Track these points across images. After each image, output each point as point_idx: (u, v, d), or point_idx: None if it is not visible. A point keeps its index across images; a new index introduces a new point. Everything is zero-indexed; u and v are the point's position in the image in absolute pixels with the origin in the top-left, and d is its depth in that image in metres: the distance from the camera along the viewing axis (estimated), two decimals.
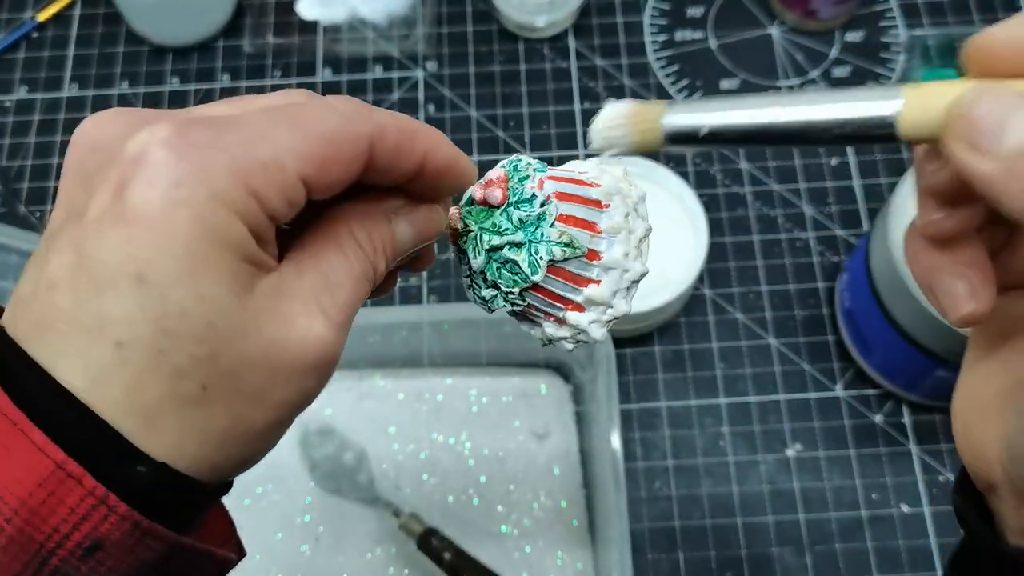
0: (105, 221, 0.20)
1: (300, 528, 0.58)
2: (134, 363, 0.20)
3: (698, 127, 0.24)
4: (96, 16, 0.77)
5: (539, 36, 0.73)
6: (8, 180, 0.70)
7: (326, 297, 0.23)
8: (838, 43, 0.73)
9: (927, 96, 0.21)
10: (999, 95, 0.20)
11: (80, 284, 0.20)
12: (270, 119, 0.22)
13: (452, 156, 0.26)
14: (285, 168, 0.21)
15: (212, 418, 0.21)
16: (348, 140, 0.23)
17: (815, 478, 0.59)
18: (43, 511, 0.20)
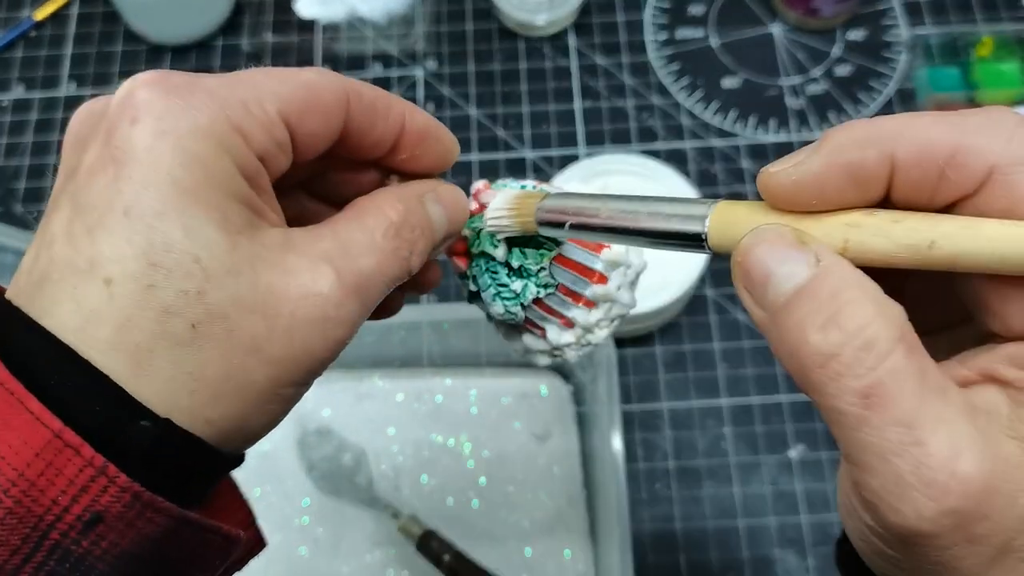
0: (96, 168, 0.21)
1: (298, 530, 0.57)
2: (123, 299, 0.20)
3: (562, 222, 0.26)
4: (94, 14, 0.76)
5: (539, 34, 0.73)
6: (5, 179, 0.70)
7: (340, 260, 0.23)
8: (840, 41, 0.73)
9: (729, 217, 0.22)
10: (772, 244, 0.21)
11: (75, 231, 0.21)
12: (248, 72, 0.23)
13: (429, 122, 0.27)
14: (265, 106, 0.22)
15: (204, 363, 0.21)
16: (324, 89, 0.24)
17: (817, 479, 0.59)
18: (41, 482, 0.19)
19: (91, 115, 0.23)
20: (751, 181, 0.67)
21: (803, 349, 0.19)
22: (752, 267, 0.21)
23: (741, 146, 0.69)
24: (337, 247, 0.23)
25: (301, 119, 0.23)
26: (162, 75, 0.22)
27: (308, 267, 0.22)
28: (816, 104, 0.70)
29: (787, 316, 0.20)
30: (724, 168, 0.68)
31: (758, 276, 0.20)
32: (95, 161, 0.21)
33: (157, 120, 0.21)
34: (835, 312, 0.19)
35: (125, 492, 0.20)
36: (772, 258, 0.20)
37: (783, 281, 0.20)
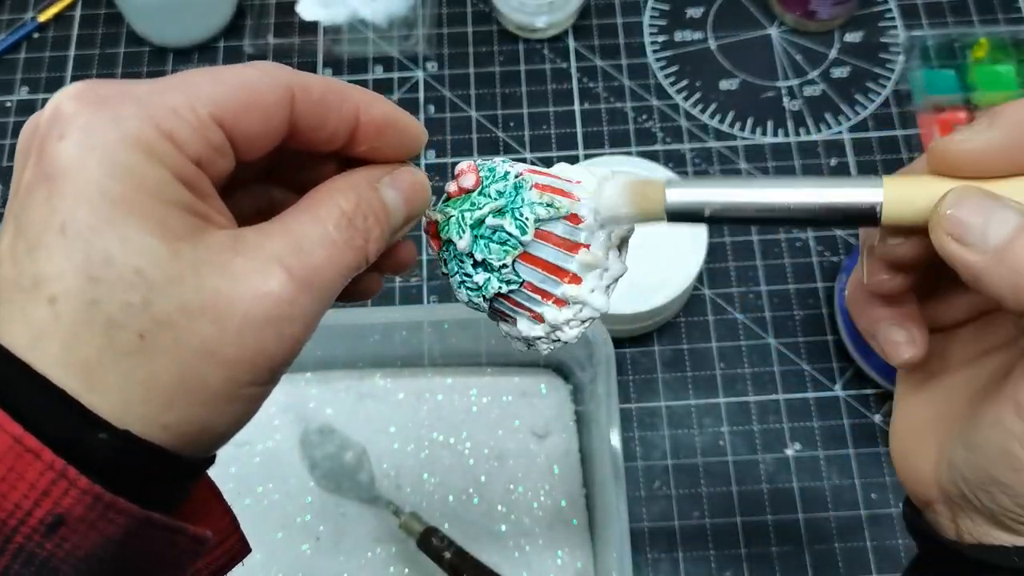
0: (32, 186, 0.21)
1: (300, 527, 0.58)
2: (68, 316, 0.20)
3: (702, 206, 0.26)
4: (97, 17, 0.77)
5: (539, 37, 0.74)
6: (9, 181, 0.70)
7: (291, 257, 0.22)
8: (837, 43, 0.73)
9: (905, 191, 0.25)
10: (978, 198, 0.24)
11: (18, 251, 0.21)
12: (184, 74, 0.23)
13: (389, 111, 0.26)
14: (197, 110, 0.22)
15: (156, 371, 0.21)
16: (264, 88, 0.23)
17: (814, 478, 0.59)
18: (3, 487, 0.19)
19: (31, 130, 0.22)
20: None
21: None
22: (966, 216, 0.23)
23: (739, 147, 0.69)
24: (288, 244, 0.23)
25: (238, 120, 0.23)
26: (89, 86, 0.22)
27: (258, 268, 0.22)
28: (813, 106, 0.71)
29: (1016, 247, 0.23)
30: (722, 169, 0.68)
31: (975, 223, 0.23)
32: (31, 179, 0.21)
33: (84, 134, 0.21)
34: None
35: (86, 494, 0.20)
36: (985, 207, 0.23)
37: (1002, 223, 0.23)
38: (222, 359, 0.21)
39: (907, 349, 0.28)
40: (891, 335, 0.28)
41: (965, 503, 0.26)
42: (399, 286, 0.66)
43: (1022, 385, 0.24)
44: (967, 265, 0.23)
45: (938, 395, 0.29)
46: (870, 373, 0.60)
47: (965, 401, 0.27)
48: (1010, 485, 0.24)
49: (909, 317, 0.28)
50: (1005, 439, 0.24)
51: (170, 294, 0.21)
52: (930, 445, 0.28)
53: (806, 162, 0.68)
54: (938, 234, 0.24)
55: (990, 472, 0.24)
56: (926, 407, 0.29)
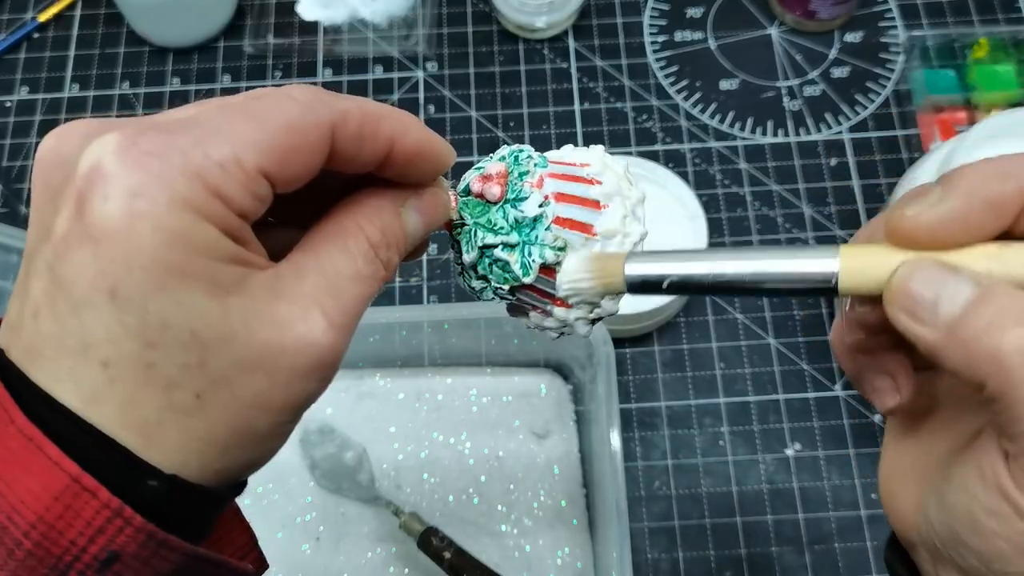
0: (71, 240, 0.20)
1: (301, 527, 0.58)
2: (124, 380, 0.20)
3: (661, 278, 0.26)
4: (97, 17, 0.77)
5: (539, 37, 0.74)
6: (9, 180, 0.70)
7: (328, 299, 0.23)
8: (837, 43, 0.73)
9: (860, 262, 0.24)
10: (930, 270, 0.23)
11: (59, 307, 0.20)
12: (224, 115, 0.21)
13: (422, 139, 0.25)
14: (244, 164, 0.21)
15: (211, 426, 0.21)
16: (308, 129, 0.22)
17: (814, 477, 0.59)
18: (60, 525, 0.20)
19: (60, 165, 0.21)
20: (749, 182, 0.68)
21: (1001, 345, 0.21)
22: (917, 291, 0.23)
23: (739, 147, 0.69)
24: (323, 283, 0.23)
25: (282, 168, 0.22)
26: (131, 139, 0.20)
27: (300, 315, 0.22)
28: (813, 106, 0.71)
29: (968, 322, 0.22)
30: (722, 169, 0.69)
31: (927, 297, 0.23)
32: (69, 232, 0.20)
33: (132, 198, 0.20)
34: (1020, 310, 0.22)
35: (140, 532, 0.20)
36: (937, 281, 0.23)
37: (954, 296, 0.22)
38: (272, 407, 0.22)
39: (891, 397, 0.28)
40: (875, 382, 0.28)
41: (941, 555, 0.26)
42: (399, 286, 0.66)
43: (986, 453, 0.23)
44: (920, 340, 0.23)
45: (920, 440, 0.28)
46: None
47: (944, 450, 0.27)
48: (976, 549, 0.24)
49: (894, 363, 0.28)
50: (970, 503, 0.23)
51: (224, 352, 0.21)
52: (911, 489, 0.28)
53: (806, 162, 0.68)
54: (892, 308, 0.24)
55: (958, 533, 0.24)
56: (910, 451, 0.29)
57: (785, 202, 0.67)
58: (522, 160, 0.28)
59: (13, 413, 0.20)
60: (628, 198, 0.29)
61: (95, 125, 0.22)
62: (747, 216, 0.67)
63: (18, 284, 0.22)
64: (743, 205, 0.67)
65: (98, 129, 0.21)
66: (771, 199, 0.67)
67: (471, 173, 0.29)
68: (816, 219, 0.67)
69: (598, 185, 0.28)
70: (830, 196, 0.67)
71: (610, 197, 0.28)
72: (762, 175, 0.68)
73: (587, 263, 0.27)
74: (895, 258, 0.24)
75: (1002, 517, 0.23)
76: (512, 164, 0.28)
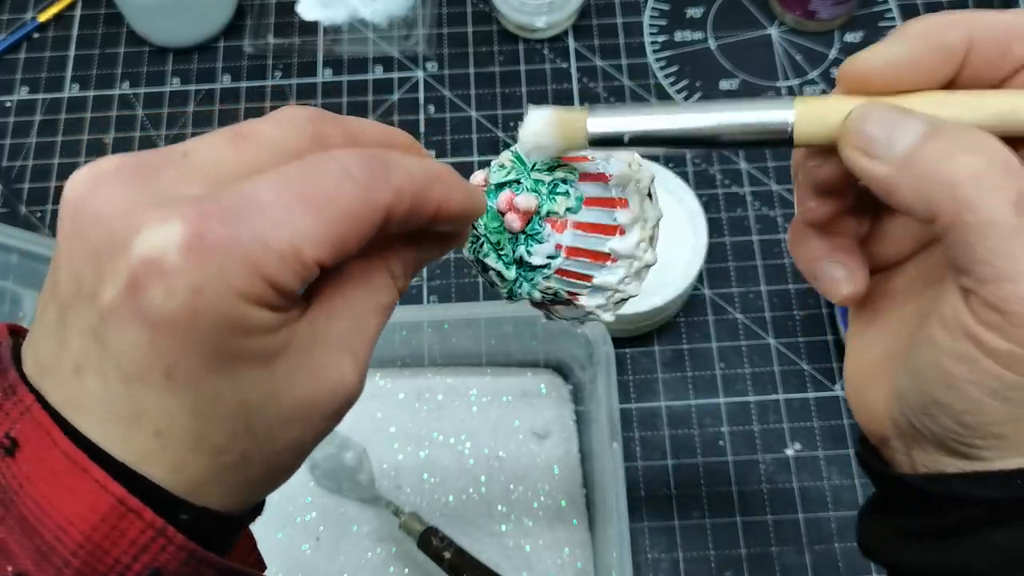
0: (124, 316, 0.20)
1: (301, 527, 0.58)
2: (175, 448, 0.21)
3: (620, 134, 0.26)
4: (97, 17, 0.77)
5: (539, 37, 0.74)
6: (9, 180, 0.70)
7: (356, 340, 0.24)
8: (837, 43, 0.73)
9: (815, 109, 0.25)
10: (883, 110, 0.24)
11: (108, 375, 0.21)
12: (285, 200, 0.21)
13: (465, 203, 0.25)
14: (302, 257, 0.21)
15: (251, 475, 0.23)
16: (365, 216, 0.22)
17: (814, 477, 0.59)
18: (106, 544, 0.20)
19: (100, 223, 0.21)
20: (749, 182, 0.68)
21: (953, 172, 0.22)
22: (871, 129, 0.24)
23: None
24: (351, 324, 0.24)
25: (336, 254, 0.22)
26: (196, 232, 0.20)
27: (333, 362, 0.23)
28: None
29: (922, 154, 0.23)
30: (722, 169, 0.69)
31: (880, 134, 0.24)
32: (120, 307, 0.20)
33: (193, 294, 0.20)
34: (969, 141, 0.23)
35: (182, 550, 0.21)
36: (890, 119, 0.24)
37: (907, 132, 0.23)
38: (304, 449, 0.24)
39: (846, 285, 0.28)
40: (830, 271, 0.28)
41: (915, 433, 0.26)
42: None
43: (946, 299, 0.24)
44: (875, 178, 0.24)
45: (887, 332, 0.29)
46: None
47: (908, 334, 0.27)
48: (948, 404, 0.24)
49: (846, 252, 0.28)
50: (937, 356, 0.24)
51: (268, 412, 0.22)
52: (881, 382, 0.28)
53: None
54: (847, 150, 0.24)
55: (930, 394, 0.24)
56: (876, 345, 0.29)
57: (785, 202, 0.67)
58: (558, 197, 0.28)
59: (56, 436, 0.21)
60: (647, 220, 0.29)
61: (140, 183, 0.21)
62: (747, 216, 0.67)
63: (50, 322, 0.22)
64: (743, 205, 0.67)
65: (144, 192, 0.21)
66: (771, 199, 0.67)
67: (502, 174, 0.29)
68: None
69: (617, 237, 0.29)
70: None
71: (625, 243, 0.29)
72: (762, 175, 0.68)
73: (548, 116, 0.27)
74: (849, 104, 0.25)
75: (969, 360, 0.23)
76: (544, 200, 0.28)
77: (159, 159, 0.22)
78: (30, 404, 0.21)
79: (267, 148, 0.23)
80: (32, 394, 0.22)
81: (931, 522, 0.26)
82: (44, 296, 0.23)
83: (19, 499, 0.21)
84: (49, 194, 0.70)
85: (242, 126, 0.23)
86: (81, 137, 0.72)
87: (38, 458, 0.21)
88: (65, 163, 0.71)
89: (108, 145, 0.72)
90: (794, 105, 0.25)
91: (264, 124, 0.23)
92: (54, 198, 0.70)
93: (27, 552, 0.21)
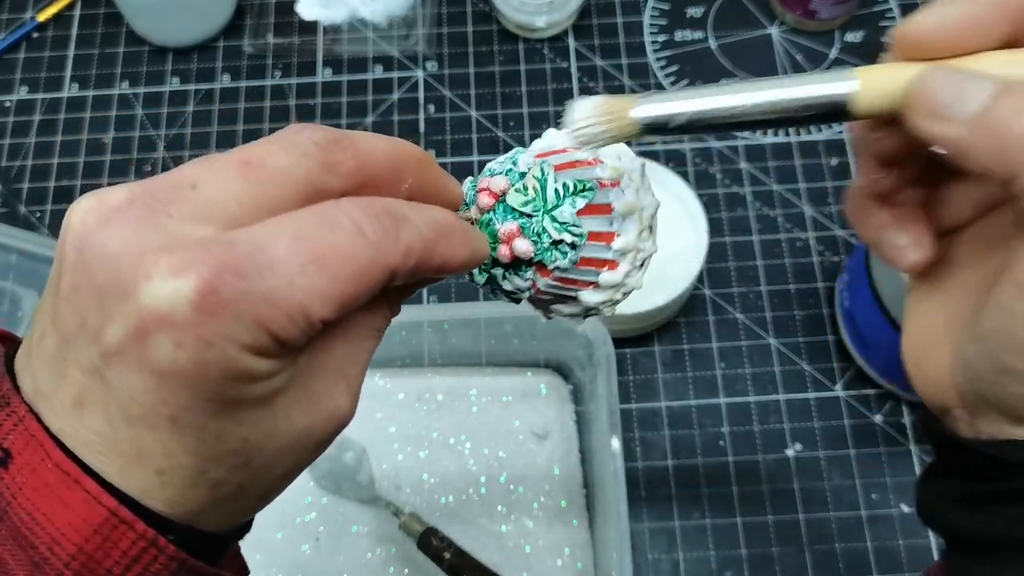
0: (130, 360, 0.20)
1: (300, 527, 0.58)
2: (176, 485, 0.22)
3: (672, 116, 0.25)
4: (96, 16, 0.77)
5: (539, 36, 0.74)
6: (9, 180, 0.70)
7: (350, 366, 0.24)
8: (838, 43, 0.73)
9: (879, 77, 0.24)
10: (949, 73, 0.23)
11: (112, 414, 0.21)
12: (298, 257, 0.21)
13: (466, 261, 0.25)
14: (309, 316, 0.21)
15: (248, 503, 0.24)
16: (374, 275, 0.22)
17: (815, 478, 0.59)
18: (98, 555, 0.21)
19: (107, 261, 0.20)
20: (750, 182, 0.68)
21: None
22: (939, 91, 0.23)
23: (739, 147, 0.69)
24: (346, 350, 0.24)
25: (341, 312, 0.22)
26: (210, 286, 0.20)
27: (329, 390, 0.24)
28: None
29: (996, 113, 0.22)
30: (722, 169, 0.68)
31: (948, 96, 0.23)
32: (126, 351, 0.20)
33: (203, 347, 0.20)
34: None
35: (173, 560, 0.22)
36: (957, 80, 0.23)
37: (978, 91, 0.23)
38: (296, 474, 0.24)
39: (913, 251, 0.27)
40: (895, 239, 0.28)
41: (981, 402, 0.25)
42: None
43: (1020, 263, 0.23)
44: (947, 141, 0.23)
45: (949, 299, 0.28)
46: (870, 373, 0.60)
47: (975, 300, 0.26)
48: (1020, 370, 0.23)
49: (912, 219, 0.28)
50: (1009, 322, 0.23)
51: (267, 447, 0.22)
52: (944, 350, 0.27)
53: (807, 162, 0.68)
54: (913, 116, 0.24)
55: (999, 360, 0.24)
56: (937, 312, 0.28)
57: (786, 202, 0.67)
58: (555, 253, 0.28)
59: (49, 449, 0.21)
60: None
61: (149, 224, 0.21)
62: (747, 216, 0.67)
63: (49, 349, 0.22)
64: (743, 205, 0.67)
65: (153, 234, 0.21)
66: (771, 199, 0.67)
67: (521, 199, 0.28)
68: (817, 219, 0.67)
69: (607, 272, 0.28)
70: (831, 196, 0.67)
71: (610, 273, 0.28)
72: (762, 175, 0.68)
73: (597, 107, 0.27)
74: (910, 70, 0.24)
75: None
76: (540, 251, 0.28)
77: (169, 192, 0.21)
78: (24, 415, 0.21)
79: (276, 180, 0.22)
80: (25, 405, 0.22)
81: (991, 487, 0.25)
82: (43, 318, 0.22)
83: (12, 510, 0.21)
84: (48, 194, 0.70)
85: (251, 153, 0.22)
86: (80, 137, 0.72)
87: (31, 470, 0.21)
88: (64, 163, 0.71)
89: (107, 145, 0.71)
90: (857, 76, 0.24)
91: (272, 149, 0.22)
92: (53, 198, 0.70)
93: (21, 563, 0.21)
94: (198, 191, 0.21)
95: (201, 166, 0.22)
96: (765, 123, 0.25)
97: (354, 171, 0.23)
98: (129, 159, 0.71)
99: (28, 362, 0.23)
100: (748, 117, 0.25)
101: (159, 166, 0.71)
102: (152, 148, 0.71)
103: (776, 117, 0.25)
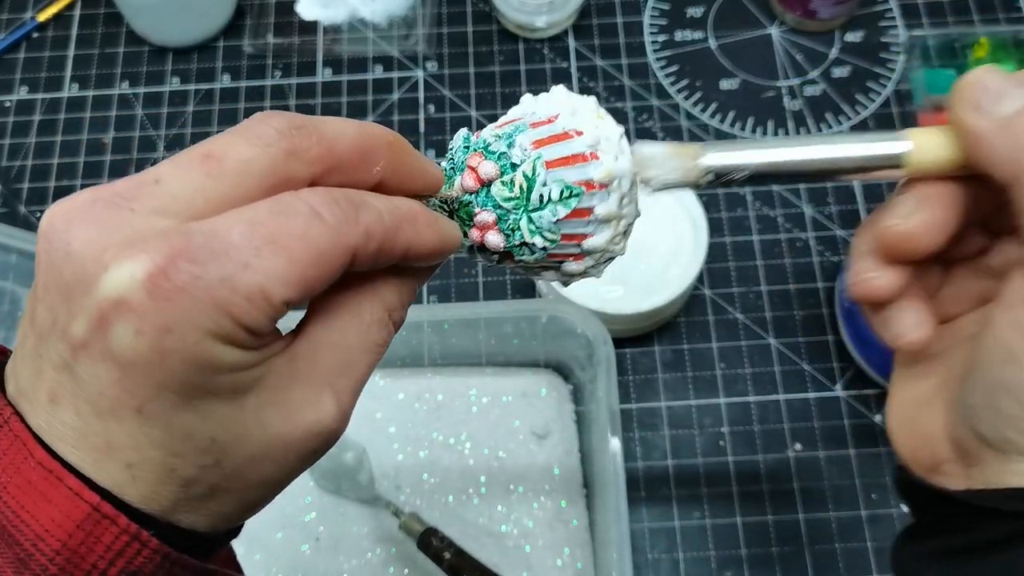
0: (93, 352, 0.20)
1: (300, 528, 0.58)
2: (145, 479, 0.22)
3: (739, 167, 0.28)
4: (96, 16, 0.77)
5: (539, 36, 0.74)
6: (9, 180, 0.70)
7: (340, 378, 0.24)
8: (838, 43, 0.73)
9: (929, 138, 0.27)
10: (1001, 75, 0.26)
11: (81, 408, 0.21)
12: (253, 241, 0.21)
13: (434, 246, 0.25)
14: (271, 298, 0.21)
15: (222, 506, 0.23)
16: (334, 257, 0.22)
17: (815, 478, 0.59)
18: (82, 550, 0.21)
19: (72, 258, 0.21)
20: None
21: None
22: (989, 86, 0.26)
23: None
24: (336, 360, 0.24)
25: (304, 295, 0.22)
26: (162, 271, 0.20)
27: (312, 399, 0.23)
28: (814, 105, 0.71)
29: (1021, 120, 0.25)
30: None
31: (994, 92, 0.26)
32: (90, 343, 0.20)
33: (162, 334, 0.20)
34: None
35: (156, 553, 0.22)
36: (1005, 82, 0.26)
37: (1016, 98, 0.25)
38: (278, 485, 0.24)
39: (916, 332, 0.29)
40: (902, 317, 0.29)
41: (976, 443, 0.26)
42: None
43: (1015, 290, 0.25)
44: (973, 130, 0.26)
45: (941, 365, 0.30)
46: (870, 373, 0.60)
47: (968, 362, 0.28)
48: (1014, 384, 0.25)
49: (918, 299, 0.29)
50: (1000, 333, 0.25)
51: (238, 451, 0.22)
52: (937, 407, 0.29)
53: None
54: (957, 106, 0.26)
55: (995, 377, 0.25)
56: (929, 377, 0.30)
57: (785, 202, 0.67)
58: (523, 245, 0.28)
59: (32, 447, 0.21)
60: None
61: (113, 218, 0.21)
62: (747, 216, 0.67)
63: (28, 349, 0.22)
64: (743, 205, 0.67)
65: (117, 228, 0.21)
66: (771, 199, 0.67)
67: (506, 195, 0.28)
68: (816, 219, 0.67)
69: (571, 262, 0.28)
70: (830, 196, 0.67)
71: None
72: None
73: (668, 156, 0.28)
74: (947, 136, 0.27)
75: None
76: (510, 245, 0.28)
77: (132, 189, 0.22)
78: (8, 416, 0.22)
79: (238, 172, 0.22)
80: (10, 407, 0.22)
81: (969, 539, 0.26)
82: (24, 321, 0.23)
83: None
84: (48, 194, 0.70)
85: (212, 146, 0.22)
86: (80, 137, 0.72)
87: (15, 468, 0.21)
88: (64, 163, 0.71)
89: (107, 145, 0.71)
90: (909, 136, 0.27)
91: (234, 141, 0.22)
92: (53, 198, 0.70)
93: (6, 559, 0.21)
94: (161, 186, 0.22)
95: (167, 163, 0.22)
96: (819, 176, 0.28)
97: (320, 157, 0.23)
98: (129, 159, 0.71)
99: (13, 365, 0.23)
100: (807, 170, 0.27)
101: None
102: (152, 148, 0.71)
103: (830, 170, 0.27)
